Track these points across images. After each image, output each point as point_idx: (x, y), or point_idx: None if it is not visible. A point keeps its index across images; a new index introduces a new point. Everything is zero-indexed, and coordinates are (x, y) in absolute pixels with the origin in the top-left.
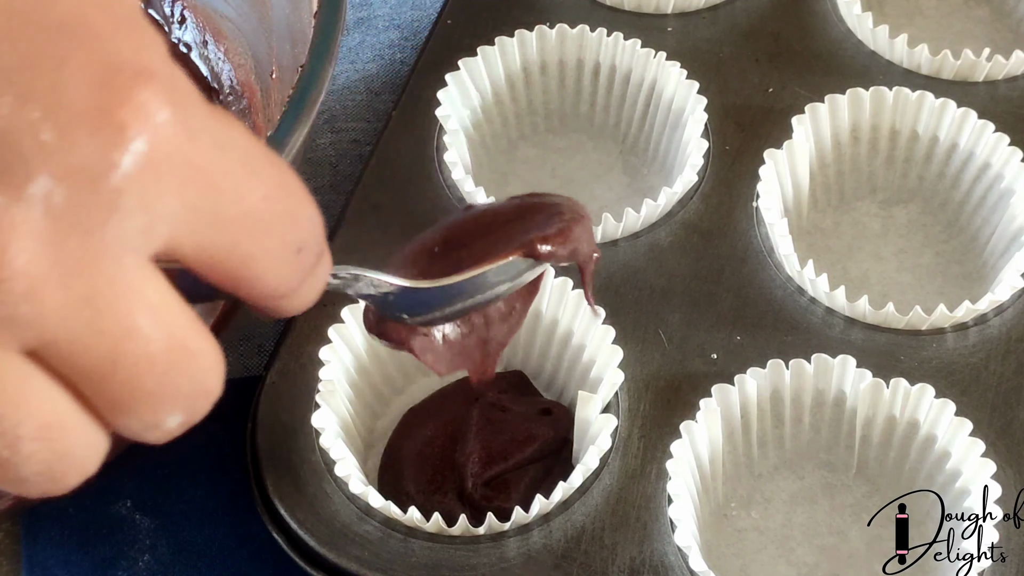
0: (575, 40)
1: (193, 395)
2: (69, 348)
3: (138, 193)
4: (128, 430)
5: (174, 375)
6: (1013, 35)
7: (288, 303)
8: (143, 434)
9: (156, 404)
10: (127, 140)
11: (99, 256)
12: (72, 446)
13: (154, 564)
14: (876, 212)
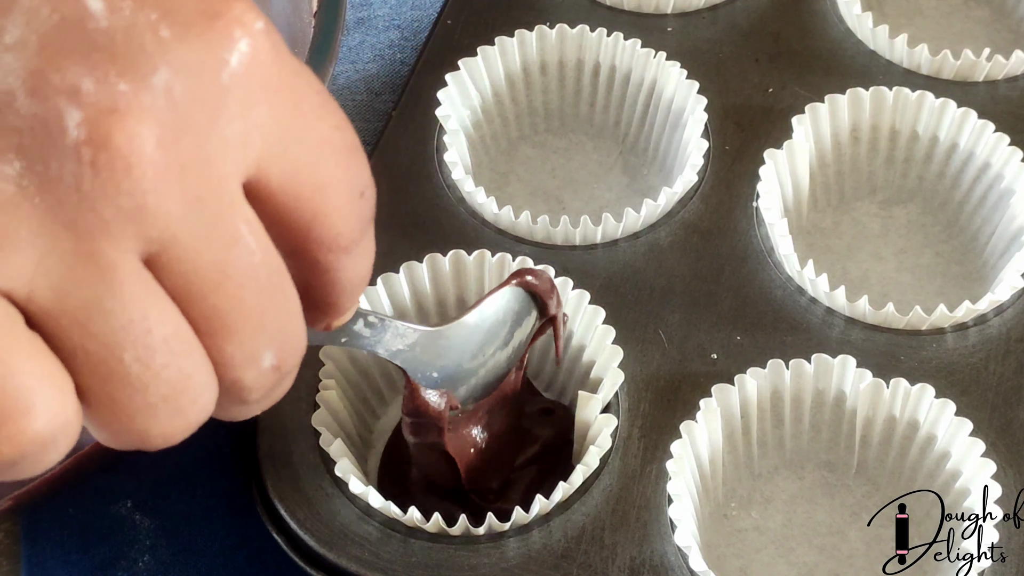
0: (575, 40)
1: (285, 334)
2: (183, 252)
3: (241, 95)
4: (229, 365)
5: (271, 298)
6: (1013, 35)
7: (346, 272)
8: (242, 376)
9: (257, 328)
10: (234, 41)
11: (210, 158)
12: (193, 369)
13: (154, 564)
14: (876, 212)
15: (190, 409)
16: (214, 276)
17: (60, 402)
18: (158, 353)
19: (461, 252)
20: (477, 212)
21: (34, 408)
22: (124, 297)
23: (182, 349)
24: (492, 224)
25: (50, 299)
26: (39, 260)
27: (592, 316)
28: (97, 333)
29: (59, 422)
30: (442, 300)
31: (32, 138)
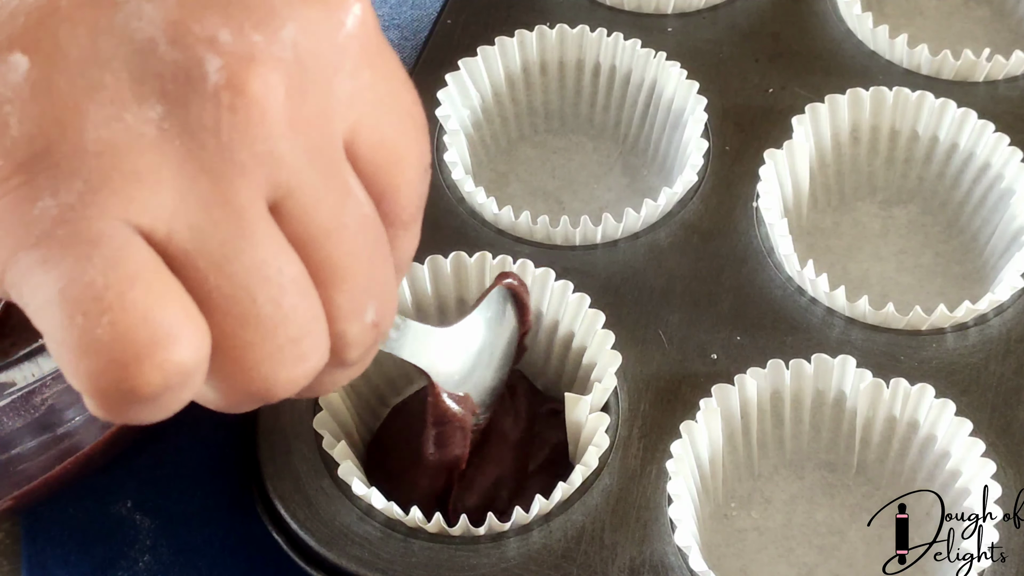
0: (575, 40)
1: (385, 290)
2: (305, 200)
3: (352, 56)
4: (337, 317)
5: (377, 251)
6: (1013, 35)
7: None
8: (347, 329)
9: (365, 279)
10: (348, 5)
11: (326, 113)
12: (315, 314)
13: (154, 564)
14: (876, 212)
15: (312, 355)
16: (330, 224)
17: (201, 337)
18: (287, 294)
19: (462, 254)
20: (477, 212)
21: (180, 339)
22: (256, 238)
23: (306, 293)
24: (492, 224)
25: (188, 239)
26: (179, 200)
27: (592, 319)
28: (233, 273)
29: (200, 356)
30: (443, 302)
31: (174, 84)
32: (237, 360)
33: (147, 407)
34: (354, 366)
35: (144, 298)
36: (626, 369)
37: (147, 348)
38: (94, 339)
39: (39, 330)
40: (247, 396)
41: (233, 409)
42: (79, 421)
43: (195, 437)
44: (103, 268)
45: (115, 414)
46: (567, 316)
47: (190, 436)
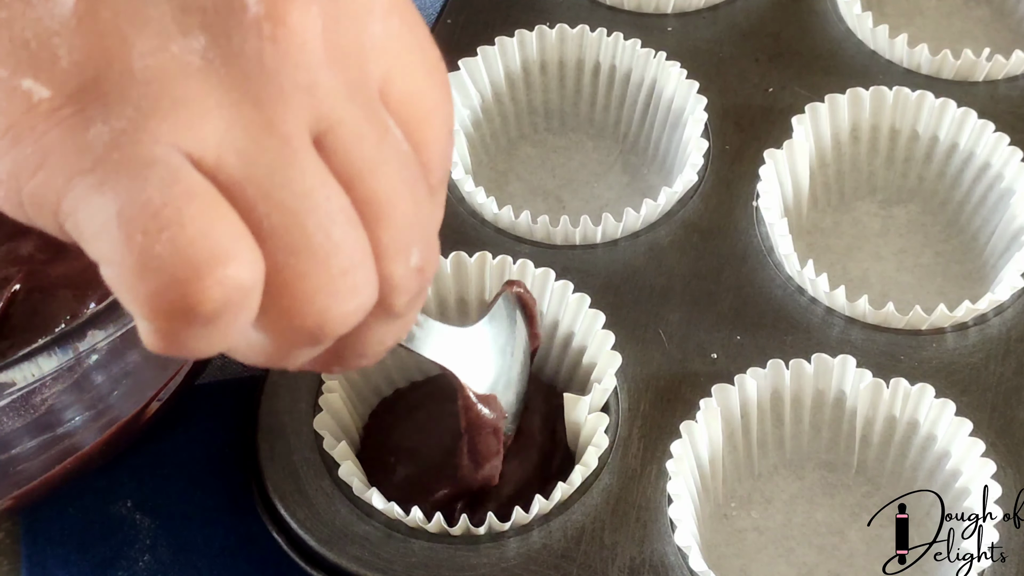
0: (575, 40)
1: (428, 233)
2: (347, 134)
3: (383, 1)
4: (384, 256)
5: (419, 190)
6: (1013, 35)
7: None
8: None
9: (408, 218)
10: None
11: (363, 50)
12: (364, 246)
13: (154, 564)
14: (876, 212)
15: (363, 289)
16: (373, 160)
17: (257, 258)
18: (336, 223)
19: (462, 254)
20: (477, 212)
21: (238, 256)
22: (303, 166)
23: (354, 225)
24: (492, 224)
25: (237, 167)
26: (226, 128)
27: (592, 319)
28: (282, 201)
29: (256, 276)
30: (443, 301)
31: (215, 15)
32: (290, 291)
33: (206, 330)
34: (400, 321)
35: (202, 215)
36: (626, 369)
37: (207, 263)
38: (154, 256)
39: (95, 258)
40: (299, 334)
41: (282, 358)
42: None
43: (195, 437)
44: (160, 187)
45: (173, 340)
46: (567, 316)
47: (190, 436)
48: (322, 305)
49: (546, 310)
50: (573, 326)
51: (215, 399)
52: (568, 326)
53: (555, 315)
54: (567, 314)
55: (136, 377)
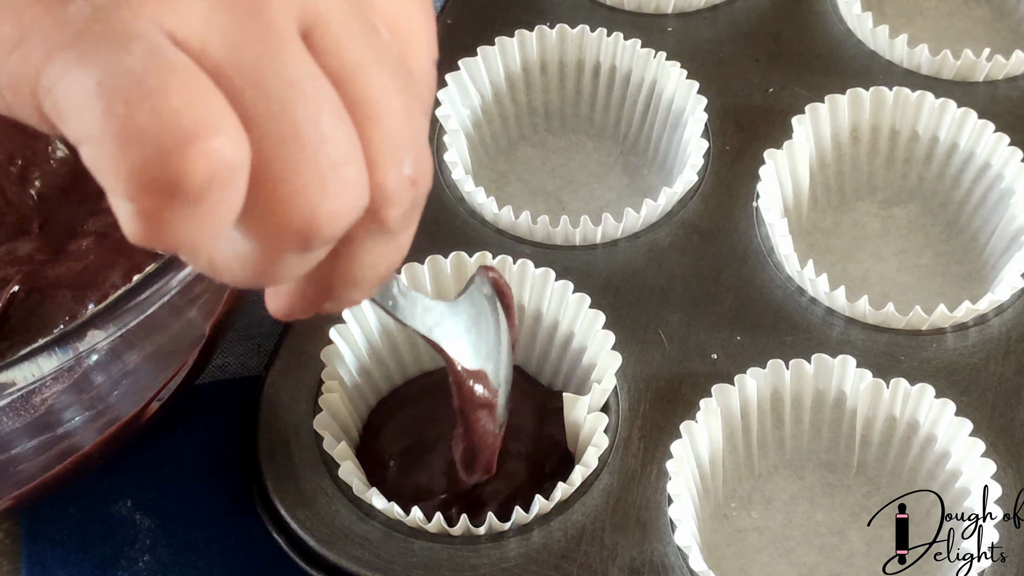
0: (575, 40)
1: (420, 143)
2: (336, 31)
3: None
4: (376, 161)
5: (408, 95)
6: (1013, 35)
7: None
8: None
9: (400, 123)
10: None
11: None
12: (354, 143)
13: (154, 564)
14: (876, 212)
15: (354, 187)
16: (363, 60)
17: (243, 137)
18: (325, 114)
19: (462, 254)
20: (477, 212)
21: (224, 129)
22: (290, 55)
23: (343, 119)
24: (492, 224)
25: (222, 52)
26: (210, 11)
27: (592, 320)
28: (269, 89)
29: (243, 155)
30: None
31: None
32: (278, 185)
33: (190, 211)
34: (394, 242)
35: (186, 86)
36: (626, 369)
37: (192, 134)
38: (136, 126)
39: (75, 139)
40: (287, 235)
41: (270, 267)
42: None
43: (195, 437)
44: (142, 57)
45: (156, 224)
46: (567, 316)
47: (190, 436)
48: (311, 200)
49: (546, 310)
50: (573, 326)
51: (215, 399)
52: (568, 326)
53: (555, 315)
54: (567, 314)
55: (136, 377)
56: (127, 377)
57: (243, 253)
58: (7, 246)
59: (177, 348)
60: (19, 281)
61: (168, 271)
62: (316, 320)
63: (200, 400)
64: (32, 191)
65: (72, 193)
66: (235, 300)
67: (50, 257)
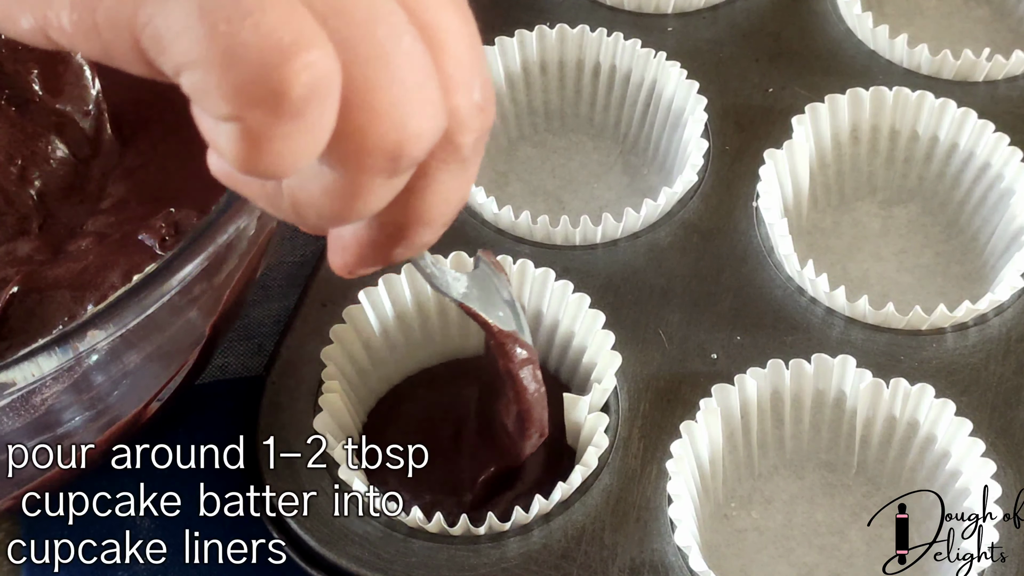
0: (575, 40)
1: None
2: None
3: None
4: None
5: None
6: (1013, 35)
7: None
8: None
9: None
10: None
11: None
12: (431, 66)
13: (154, 564)
14: (876, 212)
15: (435, 107)
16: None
17: (333, 52)
18: (405, 35)
19: (462, 254)
20: (477, 212)
21: (320, 43)
22: None
23: (419, 43)
24: (492, 224)
25: None
26: None
27: (592, 319)
28: (352, 12)
29: (337, 68)
30: (442, 301)
31: None
32: (368, 103)
33: (293, 126)
34: (464, 172)
35: (281, 4)
36: (626, 369)
37: (293, 47)
38: (240, 43)
39: (176, 68)
40: (376, 156)
41: (356, 193)
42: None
43: (195, 437)
44: None
45: (260, 141)
46: (567, 316)
47: (190, 436)
48: (399, 119)
49: (546, 310)
50: (573, 326)
51: (215, 399)
52: (568, 326)
53: (555, 315)
54: (567, 314)
55: (136, 377)
56: (127, 377)
57: (329, 184)
58: (6, 246)
59: (177, 348)
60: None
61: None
62: (316, 320)
63: (200, 400)
64: (32, 191)
65: (72, 193)
66: (235, 300)
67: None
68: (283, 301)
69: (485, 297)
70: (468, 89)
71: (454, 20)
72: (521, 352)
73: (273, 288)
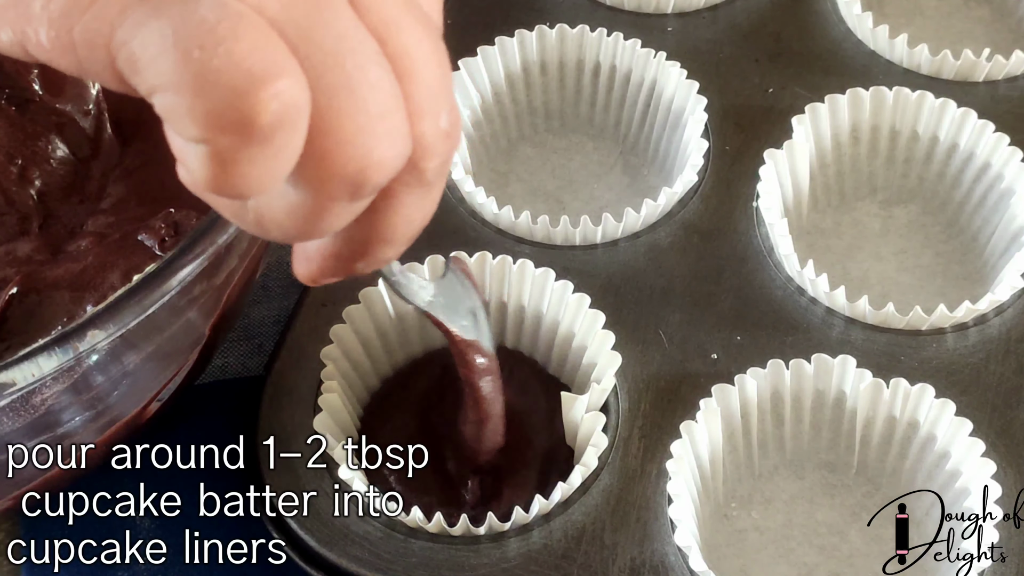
0: (575, 40)
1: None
2: None
3: None
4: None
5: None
6: (1013, 35)
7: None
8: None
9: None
10: None
11: None
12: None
13: (154, 564)
14: (876, 212)
15: (400, 136)
16: (401, 16)
17: (304, 81)
18: (372, 64)
19: (462, 254)
20: (477, 212)
21: (291, 72)
22: (336, 10)
23: (387, 70)
24: (492, 224)
25: (277, 8)
26: None
27: (592, 319)
28: (321, 41)
29: (306, 97)
30: None
31: None
32: (332, 133)
33: (261, 151)
34: (429, 195)
35: (254, 32)
36: (626, 369)
37: (264, 75)
38: (212, 70)
39: (150, 89)
40: (340, 182)
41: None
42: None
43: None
44: (212, 7)
45: (228, 165)
46: (567, 316)
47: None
48: (363, 147)
49: (546, 310)
50: (573, 326)
51: (215, 399)
52: (568, 326)
53: (555, 315)
54: (567, 314)
55: (136, 377)
56: (127, 377)
57: (293, 204)
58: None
59: (177, 348)
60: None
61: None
62: (316, 320)
63: (200, 400)
64: (32, 191)
65: (72, 193)
66: (235, 300)
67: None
68: (283, 301)
69: (451, 305)
70: (435, 116)
71: (424, 48)
72: (481, 361)
73: (273, 288)
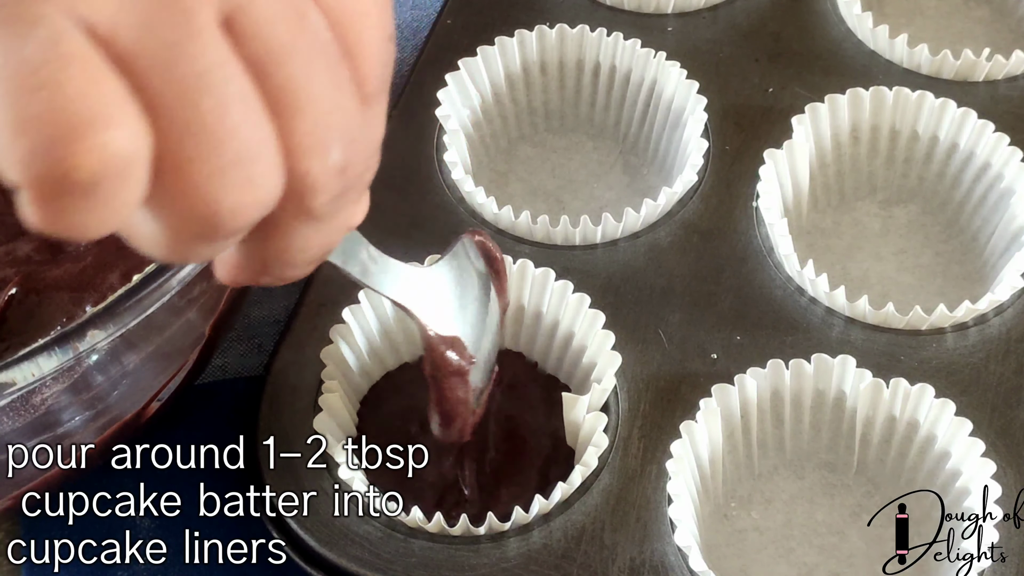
0: (575, 40)
1: (351, 133)
2: (259, 16)
3: None
4: (298, 151)
5: (338, 85)
6: (1013, 35)
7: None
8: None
9: (326, 112)
10: None
11: None
12: (264, 139)
13: (154, 564)
14: (876, 212)
15: (261, 184)
16: (288, 45)
17: (140, 128)
18: (233, 107)
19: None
20: (477, 212)
21: (118, 122)
22: (203, 43)
23: (254, 113)
24: (492, 224)
25: (131, 38)
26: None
27: (592, 319)
28: (176, 77)
29: (138, 146)
30: None
31: None
32: (180, 175)
33: (85, 203)
34: (325, 227)
35: (81, 77)
36: (626, 369)
37: (84, 126)
38: (29, 115)
39: None
40: (191, 224)
41: (180, 250)
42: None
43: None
44: (40, 46)
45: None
46: (567, 316)
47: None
48: (212, 194)
49: (546, 310)
50: (573, 326)
51: (215, 399)
52: (568, 326)
53: (555, 315)
54: (567, 314)
55: (136, 377)
56: (127, 377)
57: (153, 233)
58: (6, 247)
59: (177, 348)
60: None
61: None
62: (316, 320)
63: (200, 400)
64: None
65: None
66: (235, 300)
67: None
68: (283, 301)
69: (440, 292)
70: (321, 152)
71: (314, 78)
72: (453, 359)
73: (273, 288)
